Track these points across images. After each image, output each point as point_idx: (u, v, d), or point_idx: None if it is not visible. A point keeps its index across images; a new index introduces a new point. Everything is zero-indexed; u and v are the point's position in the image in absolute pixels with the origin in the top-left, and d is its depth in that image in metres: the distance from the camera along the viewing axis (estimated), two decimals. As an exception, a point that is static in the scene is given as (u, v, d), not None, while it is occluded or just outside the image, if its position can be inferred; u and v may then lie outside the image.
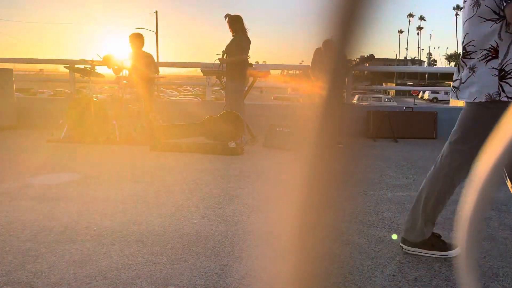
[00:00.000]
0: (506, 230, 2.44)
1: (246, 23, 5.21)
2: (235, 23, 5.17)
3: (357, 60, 5.30)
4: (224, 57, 5.24)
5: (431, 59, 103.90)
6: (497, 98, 1.78)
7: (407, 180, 3.60)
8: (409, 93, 46.68)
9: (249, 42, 5.21)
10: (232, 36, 5.20)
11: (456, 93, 1.97)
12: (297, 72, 7.42)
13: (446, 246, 2.02)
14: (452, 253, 2.01)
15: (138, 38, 5.71)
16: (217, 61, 5.29)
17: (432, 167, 2.04)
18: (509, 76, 1.75)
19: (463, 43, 1.93)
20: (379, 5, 0.36)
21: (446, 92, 40.93)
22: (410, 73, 70.04)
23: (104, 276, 1.78)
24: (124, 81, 5.50)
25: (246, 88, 5.61)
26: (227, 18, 5.23)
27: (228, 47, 5.19)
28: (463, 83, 1.92)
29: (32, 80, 26.66)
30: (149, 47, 58.17)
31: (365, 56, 5.11)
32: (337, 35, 0.37)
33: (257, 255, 2.03)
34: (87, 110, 5.22)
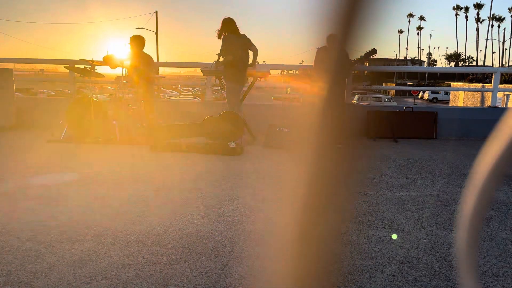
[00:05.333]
0: (506, 230, 2.44)
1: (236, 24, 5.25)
2: (221, 27, 5.25)
3: (357, 59, 5.30)
4: (220, 60, 5.30)
5: (431, 59, 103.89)
6: None
7: (407, 180, 3.60)
8: (409, 93, 46.67)
9: (236, 39, 5.19)
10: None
11: None
12: (297, 72, 7.42)
13: None
14: None
15: (139, 39, 5.75)
16: (214, 63, 5.35)
17: None
18: None
19: None
20: (379, 5, 0.36)
21: (446, 92, 40.93)
22: (410, 73, 70.04)
23: (104, 276, 1.78)
24: (124, 81, 5.50)
25: (246, 88, 5.62)
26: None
27: (220, 50, 5.26)
28: None
29: (32, 80, 26.67)
30: (149, 47, 58.11)
31: (366, 52, 5.10)
32: (338, 34, 0.37)
33: (257, 255, 2.03)
34: (87, 110, 5.21)
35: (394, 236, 2.30)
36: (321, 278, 0.44)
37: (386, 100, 30.21)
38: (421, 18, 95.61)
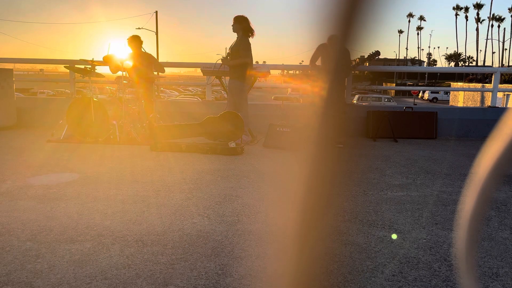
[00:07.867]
0: (506, 230, 2.44)
1: (251, 24, 5.21)
2: (240, 23, 5.18)
3: (357, 60, 5.30)
4: (229, 58, 5.25)
5: (431, 59, 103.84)
6: None
7: (407, 180, 3.60)
8: (409, 93, 46.69)
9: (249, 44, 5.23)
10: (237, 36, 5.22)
11: None
12: (297, 72, 7.43)
13: None
14: None
15: (135, 39, 5.78)
16: (219, 61, 5.31)
17: None
18: None
19: None
20: (379, 5, 0.36)
21: (446, 92, 40.94)
22: (410, 73, 70.05)
23: (104, 276, 1.78)
24: (124, 81, 5.50)
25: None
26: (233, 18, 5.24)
27: (233, 48, 5.20)
28: None
29: (32, 80, 26.69)
30: (149, 47, 58.14)
31: (370, 53, 5.10)
32: (338, 34, 0.37)
33: (257, 255, 2.03)
34: (87, 110, 5.21)
35: (394, 236, 2.30)
36: (321, 278, 0.44)
37: (386, 100, 30.19)
38: (421, 18, 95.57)
